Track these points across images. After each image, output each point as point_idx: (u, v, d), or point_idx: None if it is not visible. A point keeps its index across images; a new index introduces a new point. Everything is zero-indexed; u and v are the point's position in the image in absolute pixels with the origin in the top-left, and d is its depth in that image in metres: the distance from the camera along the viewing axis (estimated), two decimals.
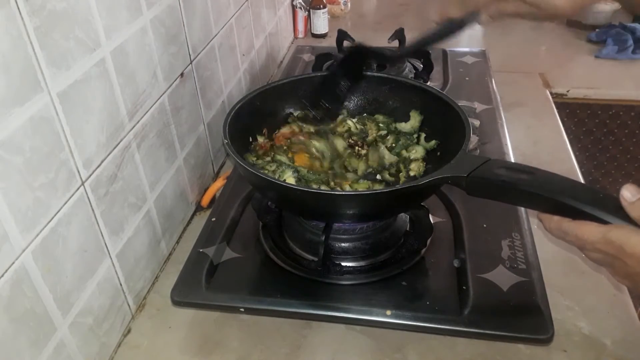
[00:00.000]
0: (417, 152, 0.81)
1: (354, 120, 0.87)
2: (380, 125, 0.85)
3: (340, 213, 0.69)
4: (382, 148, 0.82)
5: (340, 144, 0.84)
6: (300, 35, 1.61)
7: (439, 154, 0.79)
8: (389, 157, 0.82)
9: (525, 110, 1.18)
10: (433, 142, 0.81)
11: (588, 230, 0.50)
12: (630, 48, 1.40)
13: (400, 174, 0.80)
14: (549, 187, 0.55)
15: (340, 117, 0.88)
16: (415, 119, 0.83)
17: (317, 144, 0.82)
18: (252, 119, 0.81)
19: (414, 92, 0.83)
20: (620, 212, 0.49)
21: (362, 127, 0.86)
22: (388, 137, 0.84)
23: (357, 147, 0.84)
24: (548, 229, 0.54)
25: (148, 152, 0.75)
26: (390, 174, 0.80)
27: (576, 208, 0.51)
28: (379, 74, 0.88)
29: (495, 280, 0.70)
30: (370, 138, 0.84)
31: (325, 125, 0.85)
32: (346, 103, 0.89)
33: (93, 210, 0.62)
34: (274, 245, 0.78)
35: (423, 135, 0.83)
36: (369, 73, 0.90)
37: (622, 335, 0.67)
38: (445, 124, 0.76)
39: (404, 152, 0.82)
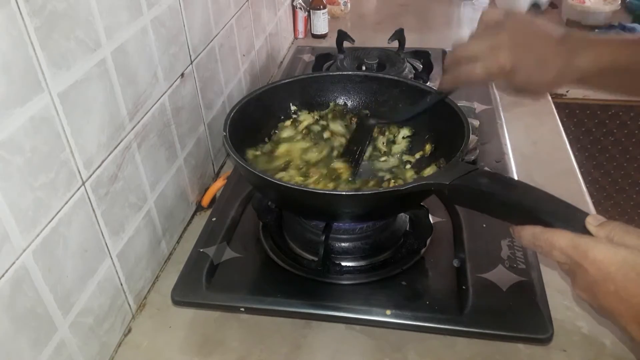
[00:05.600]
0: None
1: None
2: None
3: (340, 213, 0.69)
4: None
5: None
6: (300, 35, 1.61)
7: (441, 160, 0.78)
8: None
9: (524, 110, 1.18)
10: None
11: (558, 235, 0.50)
12: None
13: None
14: (526, 201, 0.55)
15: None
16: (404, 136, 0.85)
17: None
18: (253, 118, 0.81)
19: (418, 94, 0.83)
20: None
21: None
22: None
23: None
24: (518, 236, 0.54)
25: (149, 152, 0.75)
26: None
27: (550, 223, 0.51)
28: (382, 75, 0.89)
29: (495, 280, 0.70)
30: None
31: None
32: (353, 103, 0.90)
33: (94, 210, 0.63)
34: (274, 245, 0.78)
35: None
36: (369, 74, 0.90)
37: (621, 335, 0.67)
38: (447, 126, 0.76)
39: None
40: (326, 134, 0.86)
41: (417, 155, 0.82)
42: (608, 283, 0.45)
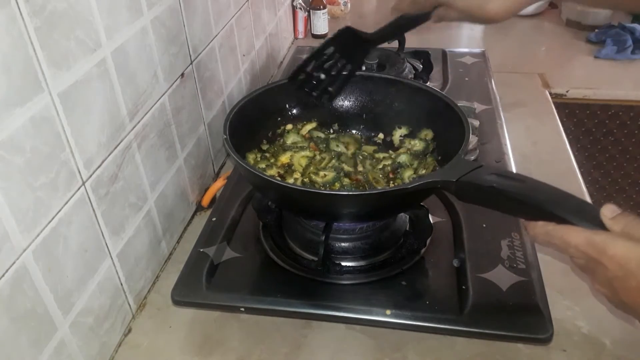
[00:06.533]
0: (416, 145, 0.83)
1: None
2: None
3: (341, 213, 0.69)
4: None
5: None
6: (300, 35, 1.61)
7: (440, 158, 0.79)
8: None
9: (524, 110, 1.18)
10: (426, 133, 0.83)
11: (573, 233, 0.49)
12: (629, 48, 1.40)
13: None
14: (537, 195, 0.55)
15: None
16: (428, 136, 0.84)
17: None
18: (253, 118, 0.81)
19: (418, 94, 0.83)
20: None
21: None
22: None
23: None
24: (533, 235, 0.54)
25: (149, 152, 0.75)
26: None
27: (563, 218, 0.51)
28: (378, 74, 0.89)
29: (495, 280, 0.70)
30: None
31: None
32: (349, 103, 0.89)
33: (94, 210, 0.63)
34: (274, 245, 0.78)
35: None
36: (365, 73, 0.90)
37: (621, 335, 0.67)
38: (446, 126, 0.76)
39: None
40: (338, 147, 0.86)
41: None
42: (630, 279, 0.45)
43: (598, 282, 0.49)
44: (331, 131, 0.89)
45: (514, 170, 0.93)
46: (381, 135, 0.88)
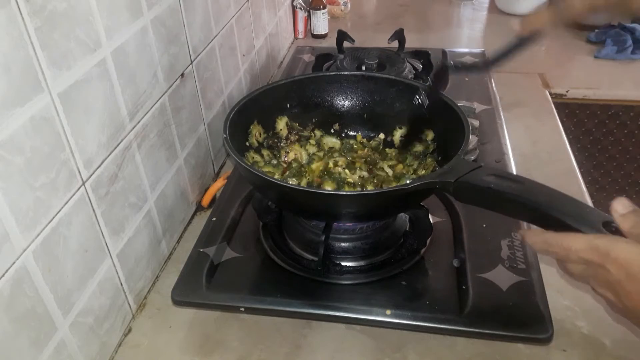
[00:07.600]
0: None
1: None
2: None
3: (341, 213, 0.69)
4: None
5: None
6: (300, 35, 1.61)
7: (440, 158, 0.79)
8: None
9: (524, 110, 1.18)
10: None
11: (573, 239, 0.48)
12: (629, 48, 1.40)
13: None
14: (535, 197, 0.55)
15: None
16: (428, 136, 0.84)
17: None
18: (253, 118, 0.81)
19: (415, 93, 0.83)
20: (606, 227, 0.49)
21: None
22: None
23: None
24: (531, 243, 0.54)
25: (149, 152, 0.75)
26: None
27: (561, 220, 0.51)
28: (378, 74, 0.89)
29: (495, 280, 0.70)
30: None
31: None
32: (350, 103, 0.90)
33: (94, 210, 0.63)
34: (274, 245, 0.78)
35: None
36: (365, 73, 0.90)
37: (621, 335, 0.67)
38: (447, 126, 0.76)
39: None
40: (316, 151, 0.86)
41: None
42: (632, 282, 0.44)
43: (600, 285, 0.48)
44: (332, 130, 0.90)
45: (514, 171, 0.93)
46: (382, 135, 0.88)
